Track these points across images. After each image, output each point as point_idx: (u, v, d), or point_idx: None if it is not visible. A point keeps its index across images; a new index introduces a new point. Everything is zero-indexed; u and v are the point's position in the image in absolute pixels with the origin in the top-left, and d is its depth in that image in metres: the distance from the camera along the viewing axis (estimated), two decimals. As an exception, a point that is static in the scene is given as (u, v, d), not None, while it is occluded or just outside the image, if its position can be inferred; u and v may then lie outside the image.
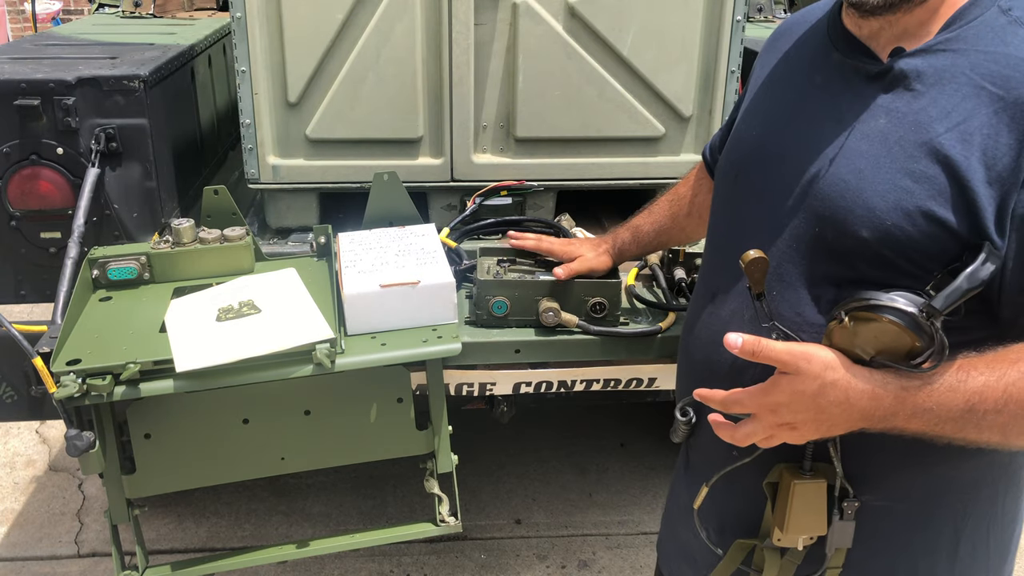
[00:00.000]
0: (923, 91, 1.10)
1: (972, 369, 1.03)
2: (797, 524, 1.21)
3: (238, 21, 2.10)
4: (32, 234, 2.12)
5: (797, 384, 1.06)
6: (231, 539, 2.95)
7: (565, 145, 2.30)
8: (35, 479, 3.24)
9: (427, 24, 2.14)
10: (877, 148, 1.12)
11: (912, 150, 1.08)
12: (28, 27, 7.61)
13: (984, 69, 1.07)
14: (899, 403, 1.04)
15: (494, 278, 1.89)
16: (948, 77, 1.09)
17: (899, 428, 1.06)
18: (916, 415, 1.04)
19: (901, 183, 1.08)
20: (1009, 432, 1.03)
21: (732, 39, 2.22)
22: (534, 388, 2.07)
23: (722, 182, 1.40)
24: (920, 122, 1.09)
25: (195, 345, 1.64)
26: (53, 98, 2.01)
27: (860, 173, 1.12)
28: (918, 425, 1.05)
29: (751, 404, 1.10)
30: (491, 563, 2.85)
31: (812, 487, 1.19)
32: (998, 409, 1.01)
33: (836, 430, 1.09)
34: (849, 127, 1.15)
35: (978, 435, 1.04)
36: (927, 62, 1.11)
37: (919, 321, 1.02)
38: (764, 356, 1.07)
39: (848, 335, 1.06)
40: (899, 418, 1.05)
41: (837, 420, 1.07)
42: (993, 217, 1.04)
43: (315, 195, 2.31)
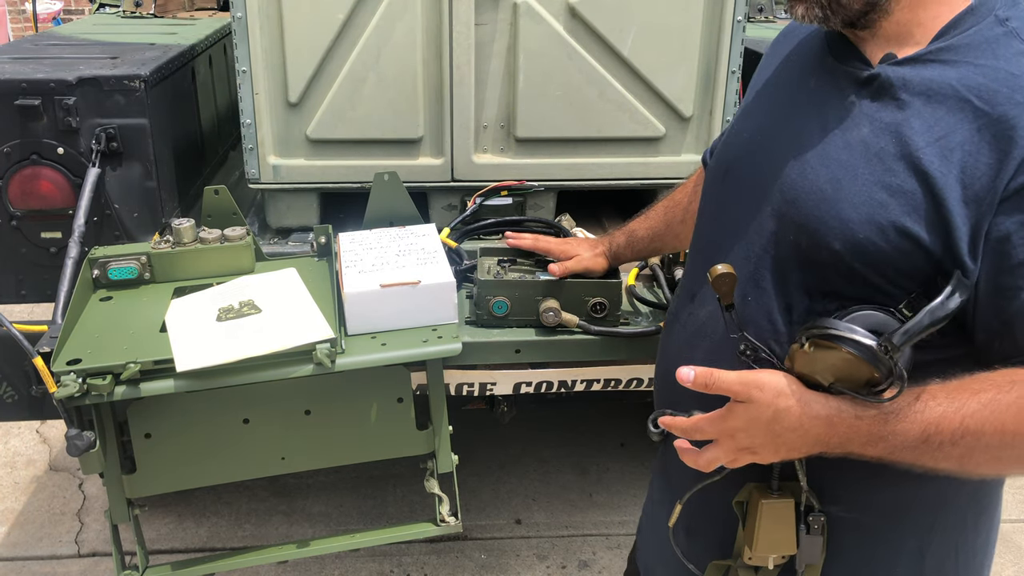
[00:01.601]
0: (908, 101, 1.07)
1: (931, 399, 1.02)
2: (766, 543, 1.21)
3: (239, 21, 2.10)
4: (33, 234, 2.12)
5: (751, 411, 1.06)
6: (231, 539, 2.95)
7: (565, 145, 2.30)
8: (35, 479, 3.24)
9: (427, 24, 2.14)
10: (856, 158, 1.09)
11: (891, 163, 1.06)
12: (29, 27, 7.62)
13: (972, 82, 1.03)
14: (854, 431, 1.04)
15: (494, 278, 1.89)
16: (935, 89, 1.05)
17: (856, 454, 1.06)
18: (871, 443, 1.04)
19: (876, 196, 1.06)
20: (966, 463, 1.02)
21: (732, 39, 2.22)
22: (534, 388, 2.07)
23: (711, 182, 1.38)
24: (902, 134, 1.06)
25: (195, 345, 1.64)
26: (54, 98, 2.02)
27: (837, 183, 1.10)
28: (875, 452, 1.04)
29: (711, 431, 1.11)
30: (491, 563, 2.85)
31: (780, 506, 1.19)
32: (954, 441, 1.00)
33: (795, 454, 1.09)
34: (832, 134, 1.13)
35: (935, 464, 1.03)
36: (915, 72, 1.07)
37: (877, 354, 1.01)
38: (716, 388, 1.07)
39: (808, 360, 1.06)
40: (855, 444, 1.05)
41: (793, 445, 1.07)
42: (967, 239, 1.01)
43: (316, 195, 2.31)
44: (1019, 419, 0.98)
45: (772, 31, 3.35)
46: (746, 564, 1.25)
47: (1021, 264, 1.00)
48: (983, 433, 0.99)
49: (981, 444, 0.99)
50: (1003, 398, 0.99)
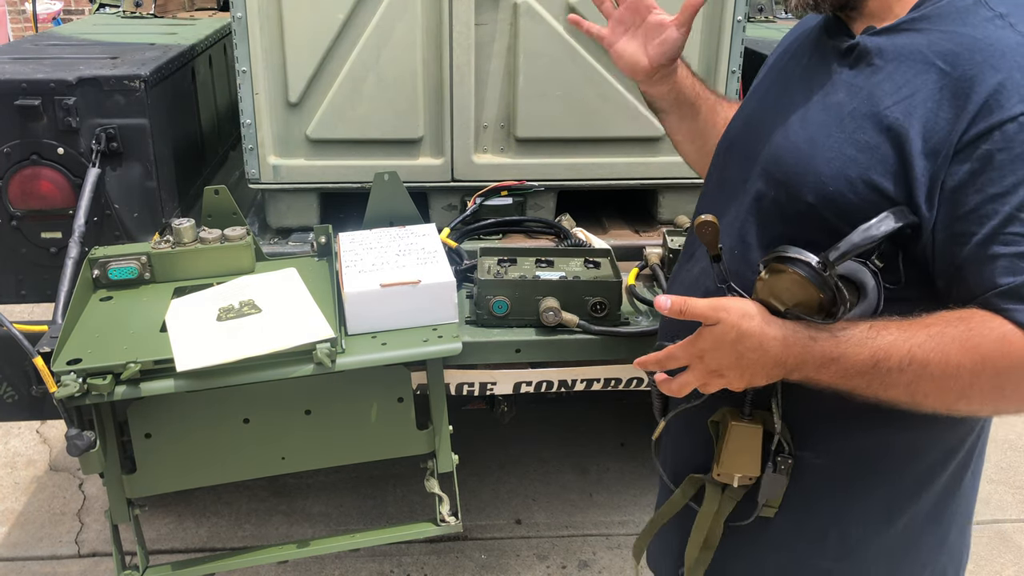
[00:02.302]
0: (881, 66, 1.15)
1: (883, 329, 1.08)
2: (731, 461, 1.30)
3: (239, 21, 2.10)
4: (33, 234, 2.12)
5: (717, 332, 1.14)
6: (231, 539, 2.95)
7: (565, 145, 2.30)
8: (36, 479, 3.24)
9: (427, 24, 2.14)
10: (832, 119, 1.17)
11: (862, 121, 1.13)
12: (29, 27, 7.61)
13: (939, 47, 1.09)
14: (807, 351, 1.10)
15: (494, 278, 1.89)
16: (906, 54, 1.12)
17: (812, 378, 1.12)
18: (824, 365, 1.10)
19: (847, 152, 1.13)
20: (914, 393, 1.07)
21: (732, 39, 2.22)
22: (534, 388, 2.07)
23: (715, 158, 1.46)
24: (873, 95, 1.14)
25: (196, 345, 1.65)
26: (54, 98, 2.02)
27: (812, 141, 1.18)
28: (828, 376, 1.10)
29: (683, 356, 1.19)
30: (491, 563, 2.85)
31: (748, 429, 1.28)
32: (901, 368, 1.05)
33: (758, 377, 1.15)
34: (814, 100, 1.22)
35: (885, 392, 1.08)
36: (890, 40, 1.15)
37: (818, 271, 1.09)
38: (689, 313, 1.15)
39: (766, 287, 1.14)
40: (809, 367, 1.11)
41: (755, 366, 1.14)
42: (925, 189, 1.07)
43: (316, 195, 2.31)
44: (963, 350, 1.03)
45: (772, 31, 3.35)
46: (714, 480, 1.35)
47: (971, 211, 1.05)
48: (928, 362, 1.04)
49: (927, 373, 1.04)
50: (950, 331, 1.04)
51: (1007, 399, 1.06)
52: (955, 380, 1.04)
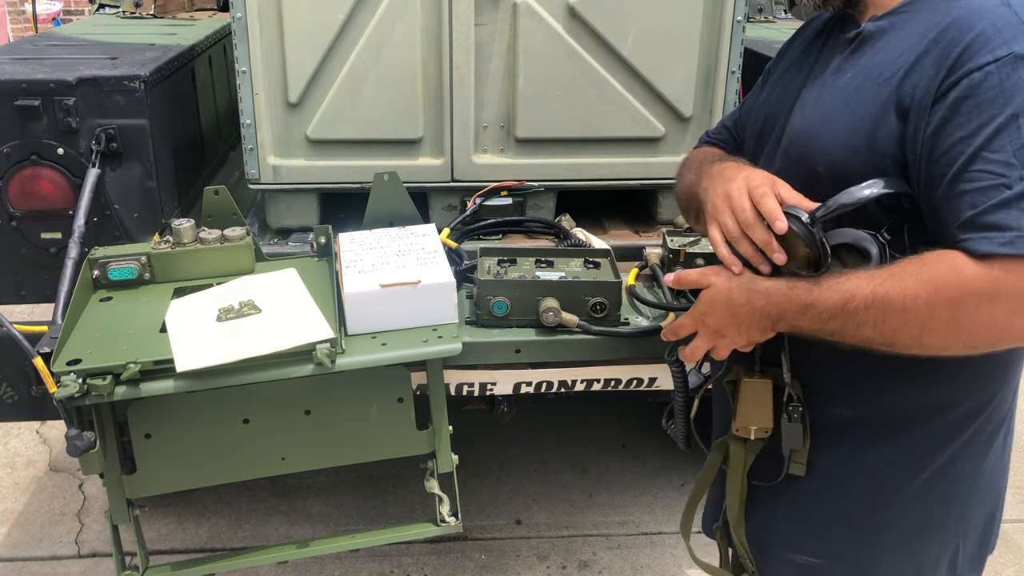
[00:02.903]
0: (882, 46, 1.24)
1: (852, 274, 1.17)
2: (746, 415, 1.42)
3: (238, 21, 2.10)
4: (33, 234, 2.12)
5: (710, 295, 1.30)
6: (231, 539, 2.95)
7: (565, 145, 2.30)
8: (35, 479, 3.24)
9: (427, 24, 2.14)
10: (839, 98, 1.27)
11: (863, 95, 1.22)
12: (29, 27, 7.62)
13: (931, 21, 1.18)
14: (788, 301, 1.22)
15: (494, 278, 1.89)
16: (903, 32, 1.22)
17: (796, 326, 1.23)
18: (802, 311, 1.20)
19: (851, 124, 1.23)
20: (884, 330, 1.14)
21: (732, 39, 2.22)
22: (534, 388, 2.07)
23: (749, 145, 1.55)
24: (873, 71, 1.23)
25: (195, 345, 1.64)
26: (54, 98, 2.02)
27: (823, 120, 1.28)
28: (808, 322, 1.20)
29: (688, 323, 1.37)
30: (491, 563, 2.85)
31: (758, 384, 1.40)
32: (867, 306, 1.13)
33: (752, 331, 1.28)
34: (826, 86, 1.32)
35: (859, 331, 1.16)
36: (890, 21, 1.25)
37: (805, 225, 1.19)
38: (684, 282, 1.35)
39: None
40: (790, 315, 1.22)
41: (747, 320, 1.27)
42: (915, 145, 1.16)
43: (315, 195, 2.31)
44: (919, 282, 1.10)
45: (772, 31, 3.35)
46: (735, 435, 1.46)
47: (942, 154, 1.12)
48: (889, 298, 1.12)
49: (890, 309, 1.12)
50: (908, 267, 1.13)
51: (966, 330, 1.11)
52: (914, 313, 1.11)
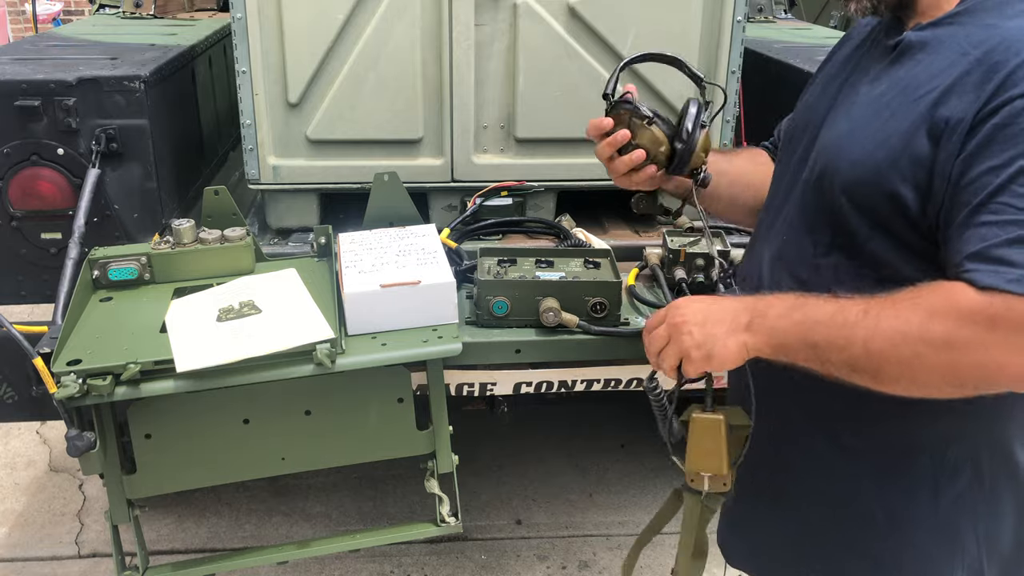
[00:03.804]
0: (922, 59, 1.19)
1: (843, 296, 1.15)
2: (693, 458, 1.32)
3: (238, 22, 2.10)
4: (33, 235, 2.12)
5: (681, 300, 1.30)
6: (231, 539, 2.95)
7: (565, 145, 2.30)
8: (36, 480, 3.24)
9: (427, 25, 2.14)
10: (871, 111, 1.22)
11: (896, 109, 1.17)
12: (29, 28, 7.62)
13: (975, 37, 1.12)
14: (769, 303, 1.21)
15: (494, 278, 1.89)
16: (945, 47, 1.16)
17: (776, 327, 1.18)
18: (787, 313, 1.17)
19: (878, 137, 1.18)
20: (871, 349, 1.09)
21: (732, 39, 2.22)
22: (534, 388, 2.07)
23: (780, 150, 1.54)
24: (908, 86, 1.18)
25: (196, 345, 1.64)
26: (53, 99, 2.01)
27: (851, 132, 1.24)
28: (790, 323, 1.17)
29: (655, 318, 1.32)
30: (491, 563, 2.85)
31: (708, 421, 1.30)
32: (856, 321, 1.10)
33: (721, 329, 1.21)
34: (860, 95, 1.27)
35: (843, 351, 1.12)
36: (933, 33, 1.19)
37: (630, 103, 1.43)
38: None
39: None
40: (774, 311, 1.19)
41: (719, 316, 1.22)
42: (944, 169, 1.10)
43: (315, 195, 2.31)
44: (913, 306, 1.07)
45: (772, 31, 3.35)
46: (688, 485, 1.36)
47: (971, 182, 1.07)
48: (882, 316, 1.09)
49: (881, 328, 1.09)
50: (903, 295, 1.09)
51: (958, 365, 1.05)
52: (905, 338, 1.06)
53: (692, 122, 1.46)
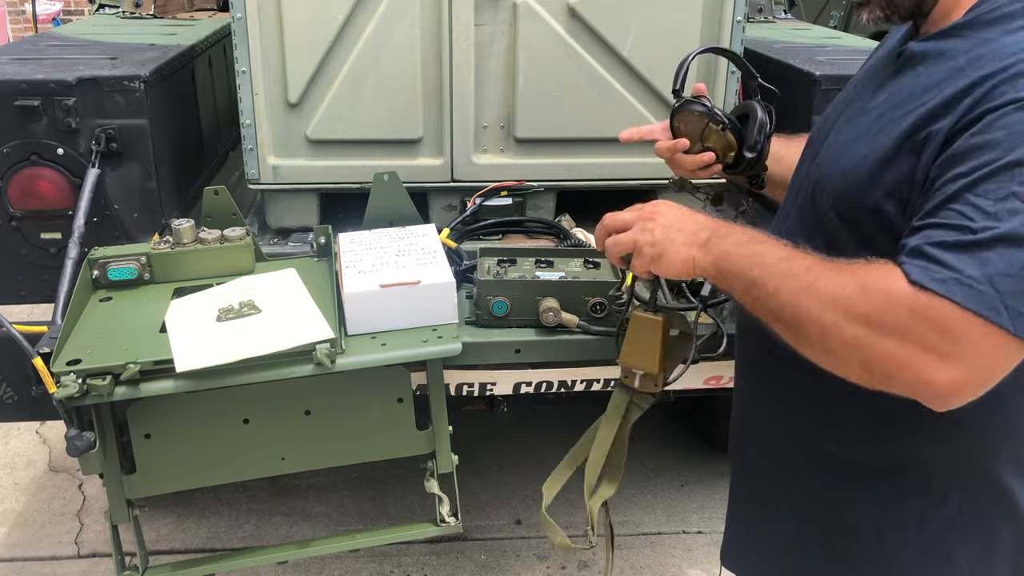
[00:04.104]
0: (921, 71, 1.17)
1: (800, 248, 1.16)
2: (628, 351, 1.41)
3: (238, 21, 2.10)
4: (32, 234, 2.12)
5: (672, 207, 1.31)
6: (231, 539, 2.95)
7: (565, 145, 2.30)
8: (35, 479, 3.24)
9: (427, 25, 2.14)
10: (866, 122, 1.21)
11: (886, 122, 1.16)
12: (28, 27, 7.62)
13: (973, 53, 1.09)
14: (731, 227, 1.23)
15: (494, 278, 1.89)
16: (945, 58, 1.13)
17: (723, 251, 1.20)
18: (744, 242, 1.19)
19: (865, 150, 1.17)
20: (802, 303, 1.09)
21: (732, 39, 2.22)
22: (534, 388, 2.07)
23: (801, 154, 1.53)
24: (903, 98, 1.16)
25: (195, 345, 1.65)
26: (53, 98, 2.01)
27: (846, 144, 1.24)
28: (735, 243, 1.20)
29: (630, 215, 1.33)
30: (491, 563, 2.85)
31: (647, 321, 1.39)
32: (806, 268, 1.11)
33: (688, 224, 1.27)
34: (864, 105, 1.26)
35: (777, 293, 1.13)
36: (935, 44, 1.17)
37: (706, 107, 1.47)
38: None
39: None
40: (732, 238, 1.21)
41: (686, 224, 1.26)
42: (921, 181, 1.09)
43: (315, 195, 2.31)
44: (852, 274, 1.07)
45: (772, 31, 3.35)
46: (620, 381, 1.45)
47: (938, 189, 1.05)
48: (826, 274, 1.09)
49: (821, 283, 1.09)
50: (848, 263, 1.09)
51: (873, 347, 1.04)
52: (836, 301, 1.06)
53: (762, 133, 1.46)
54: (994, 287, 0.96)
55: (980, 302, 0.96)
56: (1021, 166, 0.97)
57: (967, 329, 0.97)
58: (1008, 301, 0.96)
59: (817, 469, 1.34)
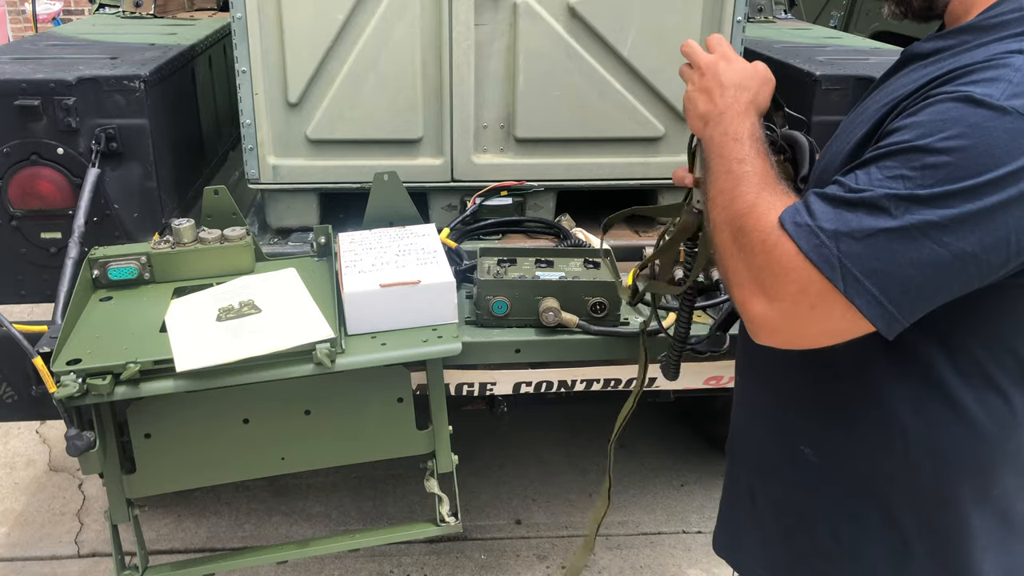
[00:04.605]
0: (915, 69, 1.16)
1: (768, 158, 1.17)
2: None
3: (238, 21, 2.10)
4: (32, 234, 2.12)
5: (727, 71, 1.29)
6: (231, 539, 2.95)
7: (565, 145, 2.30)
8: (35, 479, 3.24)
9: (427, 24, 2.14)
10: (855, 120, 1.21)
11: (866, 120, 1.15)
12: (28, 27, 7.62)
13: (965, 58, 1.07)
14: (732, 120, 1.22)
15: (494, 278, 1.89)
16: (940, 58, 1.13)
17: (710, 136, 1.23)
18: (724, 134, 1.21)
19: (846, 148, 1.17)
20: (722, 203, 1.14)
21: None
22: (534, 388, 2.07)
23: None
24: (884, 96, 1.16)
25: (195, 345, 1.65)
26: (53, 98, 2.01)
27: (834, 140, 1.24)
28: (717, 136, 1.21)
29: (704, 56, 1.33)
30: (491, 563, 2.85)
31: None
32: (743, 174, 1.14)
33: (700, 101, 1.28)
34: (865, 107, 1.24)
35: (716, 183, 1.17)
36: (933, 45, 1.16)
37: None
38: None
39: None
40: (720, 127, 1.22)
41: (710, 96, 1.26)
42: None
43: (315, 195, 2.31)
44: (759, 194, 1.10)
45: (772, 31, 3.35)
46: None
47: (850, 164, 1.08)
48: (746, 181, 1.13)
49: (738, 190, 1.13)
50: (776, 184, 1.12)
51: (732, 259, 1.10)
52: (734, 205, 1.11)
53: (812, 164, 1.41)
54: (837, 245, 1.00)
55: (818, 253, 1.00)
56: (920, 152, 0.99)
57: (798, 274, 1.01)
58: (845, 260, 0.99)
59: (795, 468, 1.34)
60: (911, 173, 0.98)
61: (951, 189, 0.96)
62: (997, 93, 0.97)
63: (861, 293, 0.99)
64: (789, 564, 1.39)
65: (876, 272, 0.99)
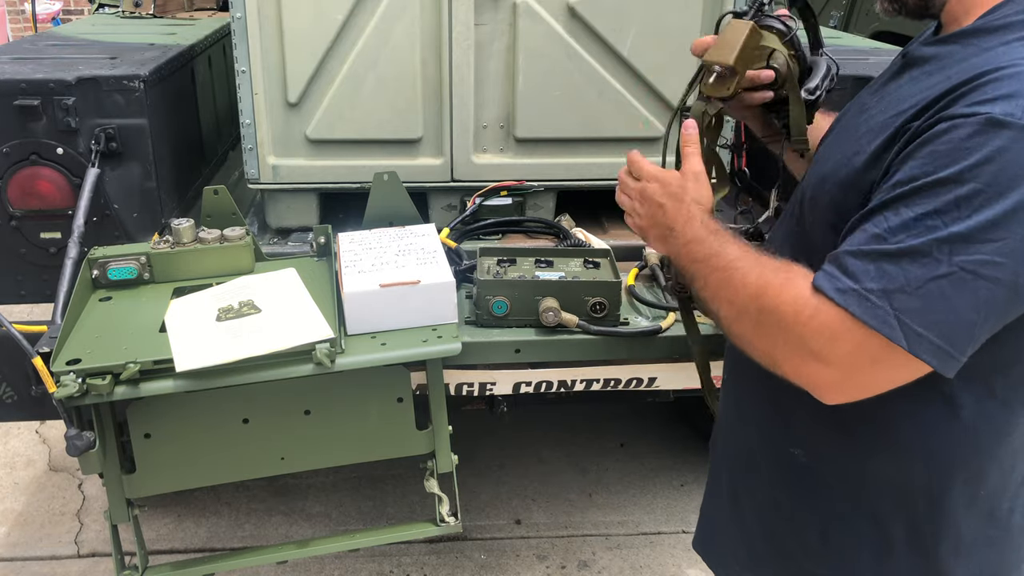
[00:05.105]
0: (916, 76, 1.14)
1: (737, 242, 1.20)
2: (714, 51, 1.39)
3: (238, 21, 2.10)
4: (32, 234, 2.12)
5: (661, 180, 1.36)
6: (231, 539, 2.95)
7: (565, 145, 2.30)
8: (35, 479, 3.24)
9: (427, 24, 2.14)
10: (852, 126, 1.20)
11: (869, 128, 1.14)
12: (28, 27, 7.62)
13: (968, 62, 1.06)
14: (689, 226, 1.26)
15: (494, 278, 1.89)
16: (942, 63, 1.11)
17: (675, 252, 1.29)
18: (686, 243, 1.25)
19: (847, 154, 1.16)
20: (718, 296, 1.18)
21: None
22: (534, 388, 2.07)
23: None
24: (889, 104, 1.15)
25: (195, 345, 1.64)
26: (53, 98, 2.01)
27: (831, 146, 1.25)
28: (684, 251, 1.26)
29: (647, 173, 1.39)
30: (491, 563, 2.85)
31: (740, 24, 1.40)
32: (722, 267, 1.17)
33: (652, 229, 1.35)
34: (864, 107, 1.24)
35: (704, 286, 1.21)
36: (936, 49, 1.14)
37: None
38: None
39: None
40: (682, 239, 1.27)
41: (657, 219, 1.33)
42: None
43: (315, 195, 2.31)
44: (761, 275, 1.12)
45: (772, 31, 3.34)
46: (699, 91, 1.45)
47: (883, 190, 1.05)
48: (735, 271, 1.15)
49: (729, 281, 1.16)
50: (771, 261, 1.14)
51: (759, 340, 1.11)
52: (736, 298, 1.13)
53: (826, 81, 1.43)
54: (890, 303, 0.98)
55: (873, 315, 0.99)
56: (948, 184, 0.97)
57: (852, 335, 1.01)
58: (903, 317, 0.98)
59: (784, 469, 1.34)
60: (945, 208, 0.97)
61: (989, 218, 0.95)
62: (1019, 112, 0.96)
63: (925, 346, 0.98)
64: (773, 563, 1.39)
65: (937, 324, 0.98)
